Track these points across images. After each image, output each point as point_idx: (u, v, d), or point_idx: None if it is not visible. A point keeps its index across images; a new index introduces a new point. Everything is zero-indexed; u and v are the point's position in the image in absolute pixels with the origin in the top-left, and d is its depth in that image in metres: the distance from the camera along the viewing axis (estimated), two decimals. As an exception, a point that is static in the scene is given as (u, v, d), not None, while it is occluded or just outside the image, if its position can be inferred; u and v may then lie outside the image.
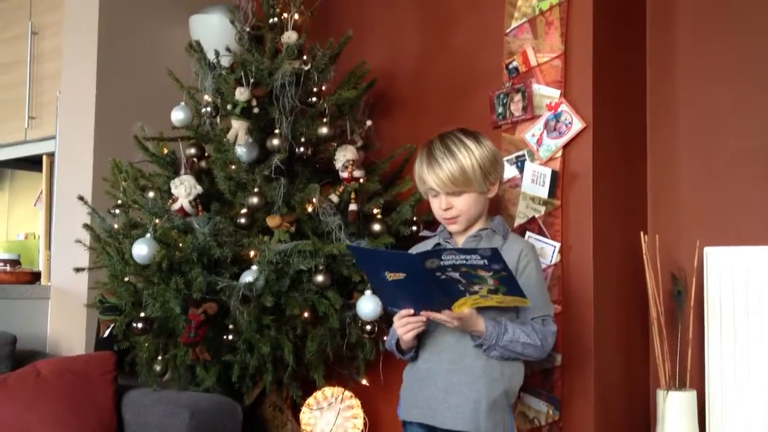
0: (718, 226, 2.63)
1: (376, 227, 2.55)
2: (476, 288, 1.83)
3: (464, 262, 1.77)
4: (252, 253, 2.46)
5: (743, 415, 2.39)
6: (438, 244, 2.12)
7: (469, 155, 1.99)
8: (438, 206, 2.04)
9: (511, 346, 1.93)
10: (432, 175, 2.00)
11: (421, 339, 2.05)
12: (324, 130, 2.61)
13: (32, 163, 3.67)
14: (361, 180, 2.63)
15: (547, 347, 2.00)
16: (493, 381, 1.95)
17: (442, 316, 1.87)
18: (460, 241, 2.09)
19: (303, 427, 2.75)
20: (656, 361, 2.54)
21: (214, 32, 3.04)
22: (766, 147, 2.58)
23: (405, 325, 1.94)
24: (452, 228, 2.07)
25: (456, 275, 1.80)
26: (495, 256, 1.75)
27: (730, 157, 2.65)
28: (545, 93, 2.56)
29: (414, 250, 2.17)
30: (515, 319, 2.00)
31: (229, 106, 2.56)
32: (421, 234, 2.59)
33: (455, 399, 1.95)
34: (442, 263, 1.78)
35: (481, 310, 1.91)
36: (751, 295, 2.41)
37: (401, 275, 1.85)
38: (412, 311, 1.93)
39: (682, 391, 2.47)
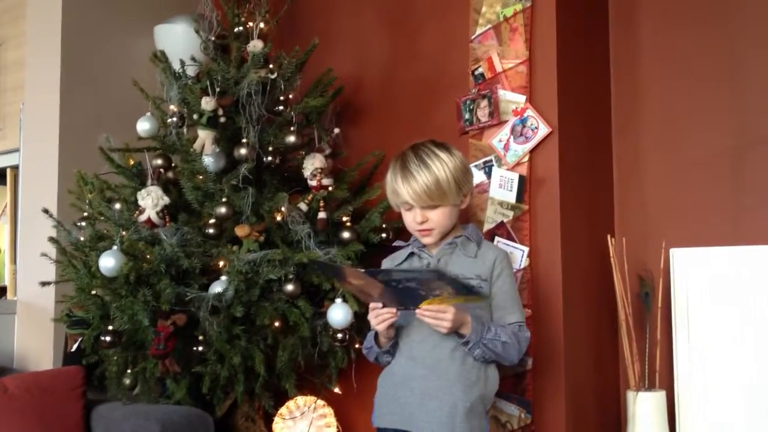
0: (684, 228, 2.66)
1: (346, 235, 2.55)
2: (437, 292, 1.85)
3: (414, 277, 1.82)
4: (221, 264, 2.44)
5: (712, 414, 2.42)
6: (412, 253, 2.13)
7: (443, 168, 1.99)
8: (412, 219, 2.04)
9: (492, 345, 1.95)
10: (407, 188, 2.00)
11: (398, 345, 2.05)
12: (291, 138, 2.61)
13: (-4, 177, 3.62)
14: (330, 188, 2.62)
15: (522, 352, 2.03)
16: (469, 386, 1.96)
17: (428, 312, 1.89)
18: (435, 250, 2.09)
19: (276, 437, 2.73)
20: (625, 362, 2.56)
21: (179, 42, 3.02)
22: (729, 148, 2.62)
23: (377, 317, 1.95)
24: (426, 240, 2.07)
25: (413, 284, 1.83)
26: (440, 275, 1.82)
27: (694, 159, 2.68)
28: (511, 98, 2.57)
29: (387, 260, 2.19)
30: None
31: (195, 116, 2.55)
32: (394, 244, 2.59)
33: (432, 404, 1.95)
34: (392, 278, 1.83)
35: (465, 311, 1.95)
36: (717, 295, 2.45)
37: (362, 281, 1.90)
38: (380, 305, 1.95)
39: (651, 392, 2.49)
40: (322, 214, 2.56)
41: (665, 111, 2.75)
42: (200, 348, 2.39)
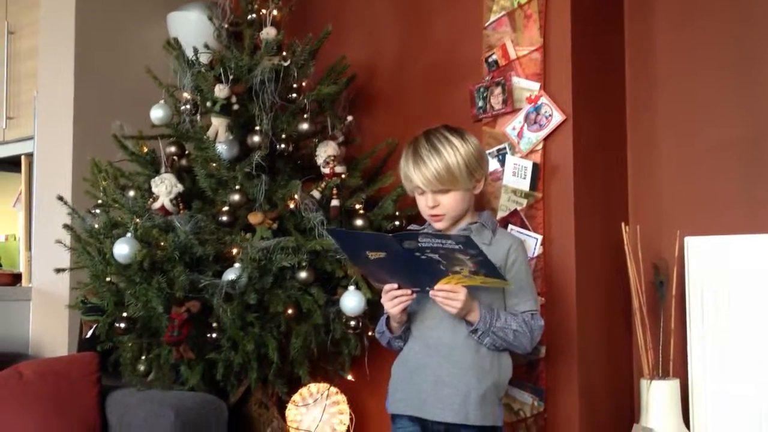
0: (699, 216, 2.65)
1: (359, 222, 2.55)
2: (457, 269, 1.84)
3: (441, 245, 1.79)
4: (234, 251, 2.45)
5: (726, 403, 2.41)
6: None
7: (454, 153, 1.99)
8: (424, 204, 2.04)
9: (502, 333, 1.94)
10: (418, 174, 2.00)
11: (411, 331, 2.05)
12: (305, 126, 2.61)
13: (11, 164, 3.64)
14: (343, 175, 2.62)
15: (534, 340, 2.01)
16: (483, 373, 1.96)
17: (440, 293, 1.88)
18: None
19: (289, 423, 2.74)
20: (639, 350, 2.56)
21: (192, 29, 3.02)
22: (744, 136, 2.60)
23: (392, 299, 1.95)
24: (438, 225, 2.07)
25: (436, 256, 1.81)
26: (469, 243, 1.77)
27: (709, 147, 2.67)
28: (525, 86, 2.56)
29: None
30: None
31: (208, 104, 2.56)
32: (408, 228, 2.59)
33: (445, 391, 1.95)
34: (419, 244, 1.80)
35: (474, 298, 1.93)
36: (731, 283, 2.44)
37: (382, 254, 1.87)
38: (396, 286, 1.94)
39: (665, 380, 2.49)
40: (335, 202, 2.56)
41: (680, 99, 2.73)
42: (214, 335, 2.40)
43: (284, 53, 2.67)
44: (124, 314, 2.39)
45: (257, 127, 2.56)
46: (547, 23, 2.55)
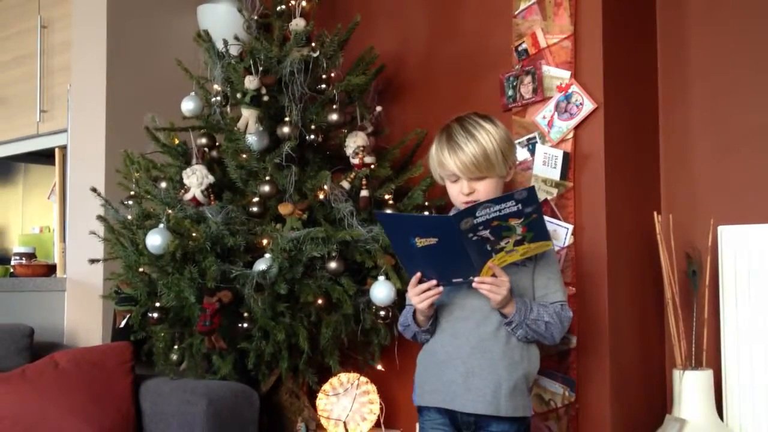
0: (732, 205, 2.62)
1: (388, 213, 2.55)
2: (503, 243, 1.83)
3: (498, 213, 1.78)
4: (265, 241, 2.46)
5: (759, 393, 2.39)
6: None
7: (490, 139, 1.98)
8: (458, 191, 2.01)
9: (535, 326, 1.94)
10: (455, 160, 1.97)
11: (440, 323, 2.04)
12: (334, 116, 2.61)
13: (45, 157, 3.68)
14: (372, 166, 2.62)
15: (563, 331, 2.01)
16: (513, 364, 1.96)
17: (484, 283, 1.88)
18: None
19: (319, 413, 2.76)
20: (672, 340, 2.53)
21: (222, 21, 3.04)
22: (779, 124, 2.56)
23: (419, 294, 1.94)
24: None
25: (486, 233, 1.80)
26: (531, 196, 1.78)
27: (743, 135, 2.63)
28: (555, 74, 2.54)
29: None
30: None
31: (238, 95, 2.57)
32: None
33: (476, 382, 1.94)
34: (475, 221, 1.78)
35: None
36: (765, 272, 2.40)
37: (432, 241, 1.83)
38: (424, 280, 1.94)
39: (698, 371, 2.46)
40: (364, 192, 2.56)
41: (713, 85, 2.70)
42: (245, 324, 2.41)
43: (313, 44, 2.67)
44: (157, 304, 2.41)
45: (287, 118, 2.57)
46: (578, 11, 2.52)
